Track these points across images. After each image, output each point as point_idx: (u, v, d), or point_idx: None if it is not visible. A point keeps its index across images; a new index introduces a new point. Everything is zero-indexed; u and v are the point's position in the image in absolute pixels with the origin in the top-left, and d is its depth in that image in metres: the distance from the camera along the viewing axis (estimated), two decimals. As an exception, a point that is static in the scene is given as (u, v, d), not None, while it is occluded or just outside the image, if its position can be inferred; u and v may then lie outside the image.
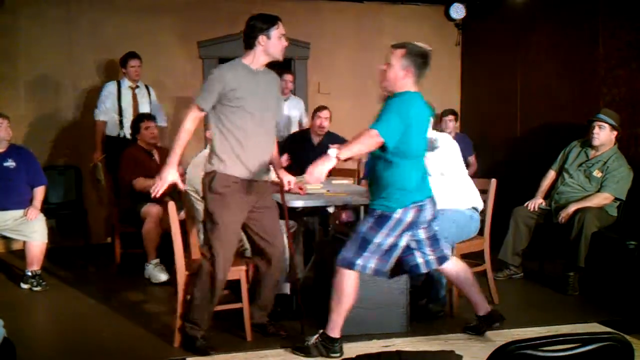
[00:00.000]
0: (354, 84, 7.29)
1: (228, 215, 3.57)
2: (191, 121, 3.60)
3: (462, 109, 7.63)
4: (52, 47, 6.44)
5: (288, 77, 6.59)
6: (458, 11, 7.27)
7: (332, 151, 3.30)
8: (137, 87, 6.10)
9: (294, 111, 6.73)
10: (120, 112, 6.00)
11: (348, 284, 3.48)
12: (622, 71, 5.32)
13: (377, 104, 7.44)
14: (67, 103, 6.35)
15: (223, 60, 4.48)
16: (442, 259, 3.66)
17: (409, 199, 3.42)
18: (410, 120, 3.34)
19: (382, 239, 3.43)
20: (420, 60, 3.41)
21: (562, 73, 5.99)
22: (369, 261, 3.45)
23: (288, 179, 3.92)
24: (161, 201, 4.50)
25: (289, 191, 3.99)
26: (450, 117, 6.65)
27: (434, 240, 3.61)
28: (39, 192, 5.16)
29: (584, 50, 5.72)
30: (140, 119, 5.56)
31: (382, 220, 3.43)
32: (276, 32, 3.59)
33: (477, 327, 3.86)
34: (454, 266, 3.75)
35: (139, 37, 6.55)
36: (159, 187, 3.53)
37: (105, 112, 6.00)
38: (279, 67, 4.06)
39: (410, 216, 3.43)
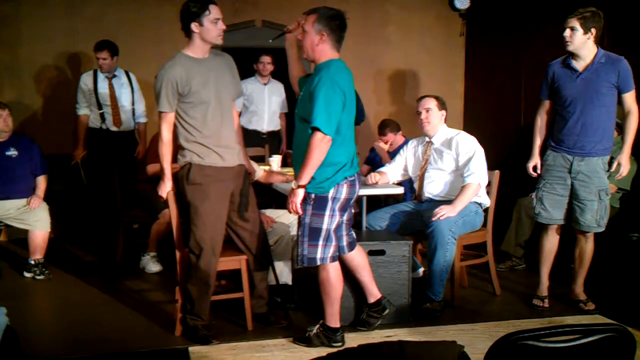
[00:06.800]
0: (358, 74, 7.22)
1: (209, 204, 3.54)
2: (166, 131, 3.56)
3: (465, 100, 7.61)
4: (54, 37, 6.43)
5: (265, 58, 6.21)
6: (462, 1, 7.24)
7: (293, 184, 3.32)
8: (115, 76, 5.77)
9: (275, 97, 6.32)
10: (99, 105, 5.71)
11: (331, 276, 3.47)
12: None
13: (379, 96, 7.51)
14: (70, 92, 6.32)
15: (225, 50, 4.44)
16: (352, 244, 3.65)
17: (341, 175, 3.36)
18: (344, 95, 3.28)
19: (329, 222, 3.39)
20: (334, 23, 3.35)
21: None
22: (327, 250, 3.41)
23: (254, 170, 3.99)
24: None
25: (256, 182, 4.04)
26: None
27: (350, 223, 3.61)
28: (42, 181, 5.15)
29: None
30: None
31: (320, 203, 3.36)
32: (209, 17, 3.47)
33: (367, 321, 3.77)
34: (355, 250, 3.69)
35: (141, 26, 6.54)
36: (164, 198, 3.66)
37: (86, 105, 5.74)
38: (282, 54, 4.00)
39: (344, 192, 3.38)
